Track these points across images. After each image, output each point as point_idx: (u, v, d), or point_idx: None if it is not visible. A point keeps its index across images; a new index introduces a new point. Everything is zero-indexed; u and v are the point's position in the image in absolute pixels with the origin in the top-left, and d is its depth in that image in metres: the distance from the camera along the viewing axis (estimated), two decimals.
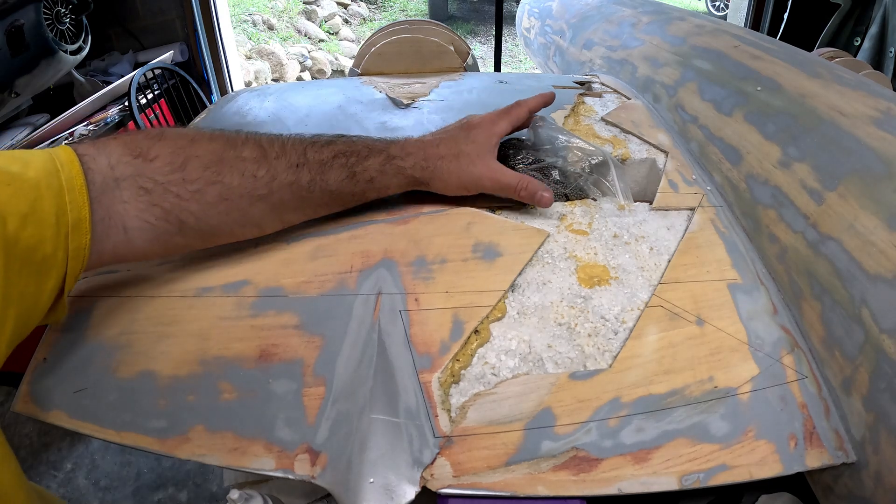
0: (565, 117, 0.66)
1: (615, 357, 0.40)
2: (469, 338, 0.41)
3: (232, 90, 2.40)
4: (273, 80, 3.90)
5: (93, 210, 0.36)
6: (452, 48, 0.88)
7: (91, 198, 0.36)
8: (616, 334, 0.42)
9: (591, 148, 0.54)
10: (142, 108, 1.83)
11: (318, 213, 0.47)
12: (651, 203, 0.54)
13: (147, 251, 0.41)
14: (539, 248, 0.47)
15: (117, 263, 0.44)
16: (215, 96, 2.35)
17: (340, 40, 4.69)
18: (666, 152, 0.60)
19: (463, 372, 0.39)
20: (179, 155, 0.39)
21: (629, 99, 0.73)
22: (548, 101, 0.55)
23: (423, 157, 0.47)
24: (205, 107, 1.82)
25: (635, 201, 0.54)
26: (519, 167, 0.53)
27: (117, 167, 0.38)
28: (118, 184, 0.37)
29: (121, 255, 0.39)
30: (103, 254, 0.38)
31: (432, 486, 0.35)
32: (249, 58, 3.93)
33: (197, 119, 0.72)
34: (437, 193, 0.50)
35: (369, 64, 0.87)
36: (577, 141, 0.54)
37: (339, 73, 4.28)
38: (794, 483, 0.41)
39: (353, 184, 0.45)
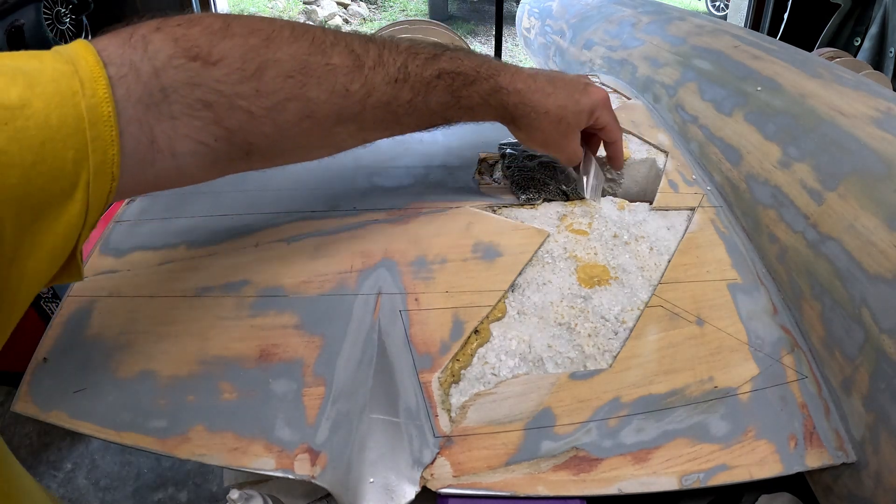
0: None
1: (615, 357, 0.41)
2: (469, 338, 0.41)
3: None
4: None
5: (124, 132, 0.28)
6: None
7: (124, 116, 0.28)
8: (616, 334, 0.42)
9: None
10: None
11: (405, 132, 0.42)
12: (651, 203, 0.54)
13: (198, 178, 0.34)
14: (539, 248, 0.47)
15: (155, 191, 0.35)
16: None
17: None
18: (666, 152, 0.60)
19: (463, 372, 0.39)
20: (253, 59, 0.31)
21: (629, 99, 0.73)
22: (616, 165, 0.55)
23: (530, 102, 0.43)
24: None
25: (635, 201, 0.54)
26: (524, 165, 0.53)
27: (164, 73, 0.29)
28: (166, 95, 0.29)
29: (164, 183, 0.32)
30: (142, 184, 0.31)
31: (432, 486, 0.35)
32: None
33: None
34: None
35: None
36: None
37: None
38: (794, 483, 0.41)
39: (454, 110, 0.41)
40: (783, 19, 1.84)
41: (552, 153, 0.49)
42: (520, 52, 4.52)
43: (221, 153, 0.32)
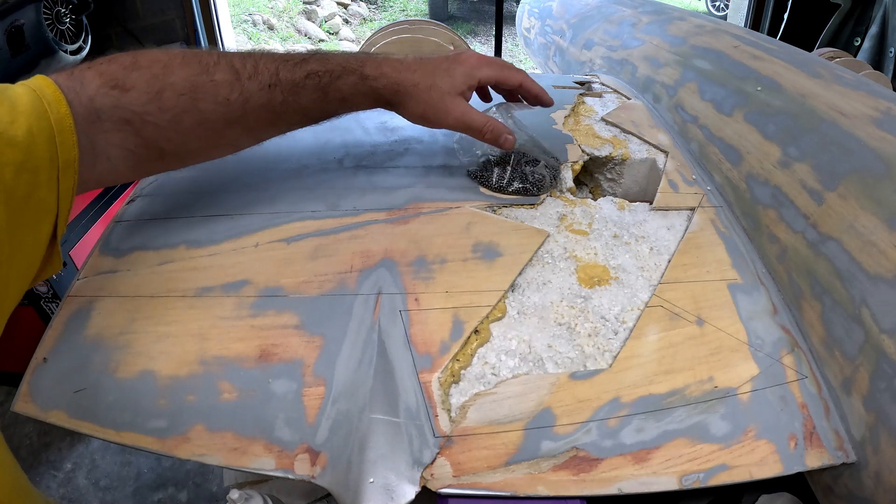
0: (565, 117, 0.66)
1: (615, 357, 0.40)
2: (469, 338, 0.41)
3: None
4: None
5: (79, 143, 0.36)
6: (452, 48, 0.88)
7: (76, 129, 0.36)
8: (616, 334, 0.42)
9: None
10: None
11: (291, 128, 0.48)
12: (651, 203, 0.54)
13: (129, 176, 0.42)
14: (539, 248, 0.47)
15: (98, 188, 0.46)
16: None
17: (340, 40, 4.68)
18: (666, 152, 0.60)
19: (463, 372, 0.39)
20: (155, 84, 0.39)
21: (629, 99, 0.73)
22: (545, 100, 0.54)
23: (398, 81, 0.47)
24: None
25: (635, 201, 0.54)
26: (518, 167, 0.53)
27: (97, 99, 0.38)
28: (99, 116, 0.38)
29: (104, 181, 0.41)
30: (88, 182, 0.39)
31: (432, 486, 0.35)
32: None
33: None
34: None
35: None
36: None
37: None
38: (794, 483, 0.41)
39: (326, 103, 0.46)
40: (783, 19, 1.84)
41: (437, 123, 0.49)
42: (520, 52, 4.51)
43: (142, 156, 0.41)
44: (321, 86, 0.45)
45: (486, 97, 0.58)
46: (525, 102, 0.56)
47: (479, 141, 0.53)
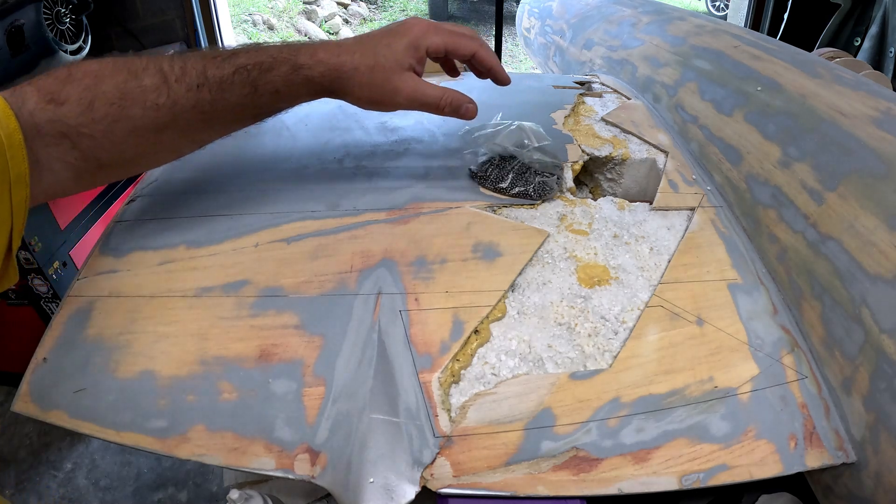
0: (565, 117, 0.66)
1: (615, 357, 0.40)
2: (469, 338, 0.41)
3: None
4: None
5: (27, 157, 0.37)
6: None
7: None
8: (616, 334, 0.42)
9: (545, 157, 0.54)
10: None
11: (230, 128, 0.46)
12: (651, 203, 0.54)
13: (74, 188, 0.42)
14: (539, 248, 0.47)
15: (50, 200, 0.45)
16: None
17: None
18: (666, 152, 0.60)
19: (463, 372, 0.39)
20: (87, 95, 0.39)
21: (629, 99, 0.73)
22: (499, 76, 0.51)
23: (336, 67, 0.44)
24: None
25: (635, 201, 0.54)
26: (510, 176, 0.53)
27: (35, 114, 0.38)
28: (39, 130, 0.38)
29: (52, 194, 0.40)
30: (37, 196, 0.39)
31: (432, 486, 0.35)
32: None
33: None
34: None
35: None
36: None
37: None
38: (794, 483, 0.41)
39: (258, 97, 0.43)
40: (783, 19, 1.84)
41: (388, 106, 0.46)
42: (520, 52, 4.51)
43: (82, 168, 0.41)
44: (250, 80, 0.43)
45: (452, 70, 0.54)
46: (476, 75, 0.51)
47: (481, 139, 0.52)
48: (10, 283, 0.39)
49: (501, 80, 0.52)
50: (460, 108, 0.47)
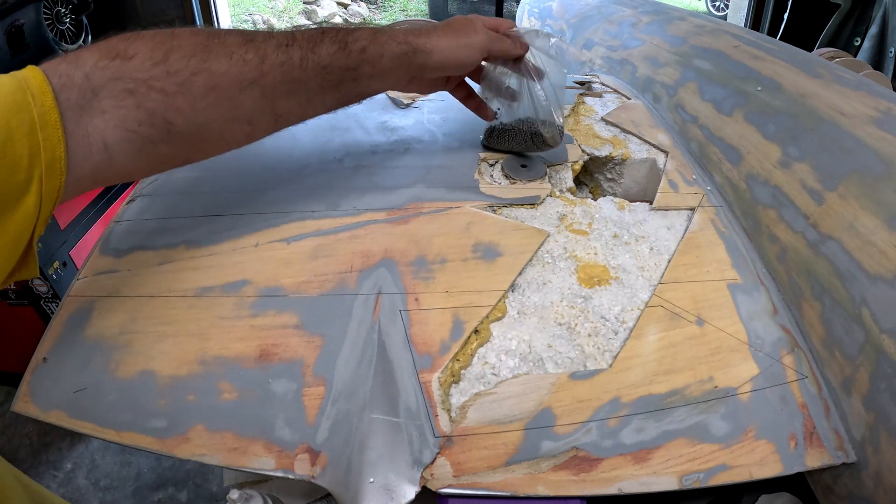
0: (565, 117, 0.66)
1: (615, 357, 0.40)
2: (469, 338, 0.41)
3: None
4: None
5: (68, 133, 0.33)
6: None
7: (67, 119, 0.33)
8: (616, 334, 0.42)
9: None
10: None
11: (313, 100, 0.44)
12: (651, 203, 0.54)
13: (130, 168, 0.38)
14: (539, 248, 0.47)
15: (96, 187, 0.39)
16: None
17: None
18: (666, 152, 0.60)
19: (463, 372, 0.39)
20: (160, 48, 0.36)
21: (629, 99, 0.73)
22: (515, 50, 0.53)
23: (413, 32, 0.46)
24: None
25: (635, 201, 0.54)
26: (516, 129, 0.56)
27: (94, 75, 0.35)
28: (96, 93, 0.35)
29: (101, 178, 0.37)
30: (82, 179, 0.35)
31: (432, 486, 0.35)
32: None
33: None
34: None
35: None
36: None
37: None
38: (794, 483, 0.41)
39: (346, 55, 0.43)
40: (783, 19, 1.84)
41: (468, 40, 0.49)
42: None
43: (146, 137, 0.37)
44: (338, 38, 0.43)
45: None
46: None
47: (496, 96, 0.54)
48: (29, 275, 0.35)
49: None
50: (516, 42, 0.51)
